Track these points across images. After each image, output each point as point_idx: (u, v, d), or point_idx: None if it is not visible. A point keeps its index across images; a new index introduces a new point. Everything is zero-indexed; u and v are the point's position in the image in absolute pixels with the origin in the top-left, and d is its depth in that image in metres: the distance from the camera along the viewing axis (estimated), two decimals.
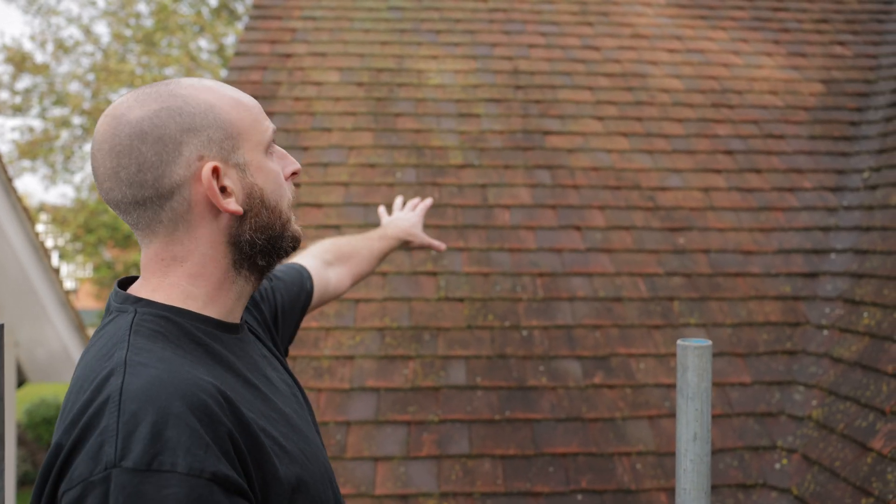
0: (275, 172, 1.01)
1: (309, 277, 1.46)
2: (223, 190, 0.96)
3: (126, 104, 0.94)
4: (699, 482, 1.24)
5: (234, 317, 1.04)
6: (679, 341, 1.23)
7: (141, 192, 0.93)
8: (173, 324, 0.94)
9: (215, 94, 0.97)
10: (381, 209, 1.99)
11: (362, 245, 1.72)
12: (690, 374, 1.21)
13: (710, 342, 1.22)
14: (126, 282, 1.04)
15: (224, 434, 0.83)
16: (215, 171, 0.94)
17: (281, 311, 1.33)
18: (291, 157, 1.07)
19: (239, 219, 0.98)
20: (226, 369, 0.96)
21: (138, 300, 0.96)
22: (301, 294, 1.41)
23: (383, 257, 1.81)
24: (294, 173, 1.06)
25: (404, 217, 1.90)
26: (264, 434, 0.91)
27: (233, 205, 0.96)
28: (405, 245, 1.88)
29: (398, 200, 2.01)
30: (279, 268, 1.43)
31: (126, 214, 0.96)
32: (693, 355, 1.21)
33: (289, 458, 0.94)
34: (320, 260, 1.58)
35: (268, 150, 1.01)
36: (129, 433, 0.77)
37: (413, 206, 1.97)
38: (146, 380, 0.82)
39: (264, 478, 0.89)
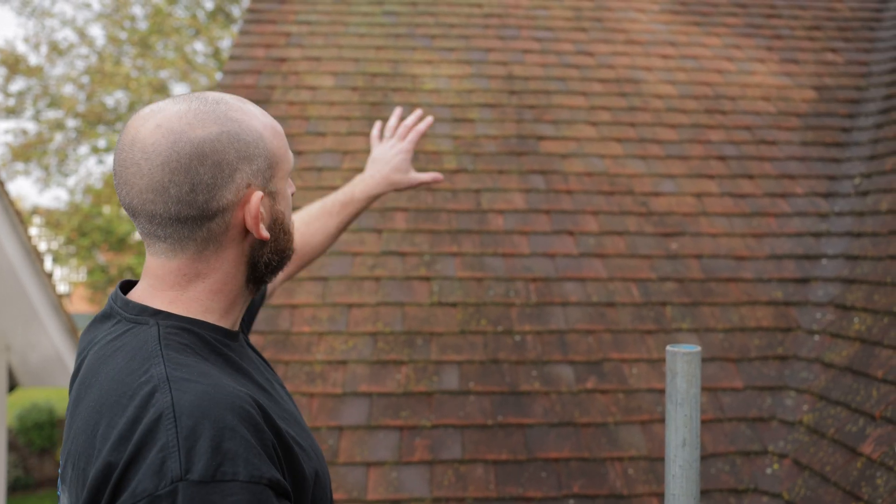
0: (289, 197, 1.07)
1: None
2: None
3: (185, 120, 0.94)
4: (688, 488, 1.25)
5: (237, 325, 1.08)
6: (668, 347, 1.24)
7: (187, 211, 0.94)
8: (196, 336, 0.97)
9: (260, 121, 1.01)
10: (374, 132, 1.75)
11: (314, 229, 1.58)
12: (679, 380, 1.22)
13: (699, 348, 1.23)
14: (127, 285, 1.06)
15: (268, 441, 0.88)
16: (263, 199, 1.00)
17: (254, 308, 1.37)
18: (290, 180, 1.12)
19: (262, 242, 1.02)
20: (244, 376, 1.00)
21: (157, 312, 0.98)
22: (258, 301, 1.42)
23: (344, 228, 1.65)
24: (292, 193, 1.11)
25: (385, 157, 1.67)
26: (289, 436, 0.96)
27: (264, 230, 1.01)
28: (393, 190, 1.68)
29: (392, 120, 1.73)
30: None
31: (160, 227, 0.96)
32: (682, 361, 1.22)
33: (306, 455, 0.99)
34: None
35: (288, 177, 1.06)
36: (190, 448, 0.81)
37: (404, 130, 1.71)
38: (195, 395, 0.86)
39: (294, 477, 0.94)
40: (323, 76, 3.77)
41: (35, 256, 5.82)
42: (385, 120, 3.53)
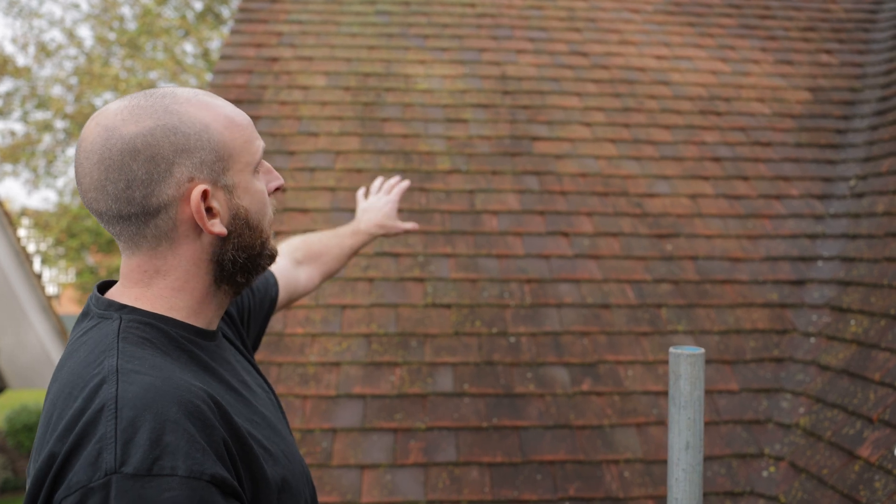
0: (261, 192, 1.02)
1: (275, 283, 1.47)
2: (209, 211, 0.96)
3: (120, 116, 0.92)
4: (691, 492, 1.23)
5: (213, 325, 1.05)
6: (671, 349, 1.22)
7: (127, 208, 0.93)
8: (159, 331, 0.95)
9: (211, 112, 0.97)
10: (360, 192, 1.96)
11: (333, 243, 1.74)
12: (683, 383, 1.20)
13: (702, 350, 1.21)
14: (105, 286, 1.04)
15: (218, 438, 0.85)
16: (204, 195, 0.95)
17: (248, 313, 1.34)
18: (276, 172, 1.08)
19: (222, 239, 0.98)
20: (211, 375, 0.97)
21: (122, 307, 0.96)
22: (266, 299, 1.42)
23: (355, 253, 1.82)
24: (277, 188, 1.07)
25: (376, 206, 1.88)
26: (251, 437, 0.93)
27: (218, 227, 0.97)
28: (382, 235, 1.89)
29: (376, 182, 1.98)
30: None
31: (109, 226, 0.96)
32: (686, 363, 1.20)
33: (273, 460, 0.96)
34: (290, 259, 1.60)
35: (256, 170, 1.01)
36: (127, 440, 0.79)
37: (389, 188, 1.94)
38: (141, 387, 0.83)
39: (254, 479, 0.91)
40: (315, 76, 3.74)
41: (24, 258, 5.77)
42: (379, 120, 3.51)
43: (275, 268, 1.51)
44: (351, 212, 3.13)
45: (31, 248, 15.80)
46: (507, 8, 4.34)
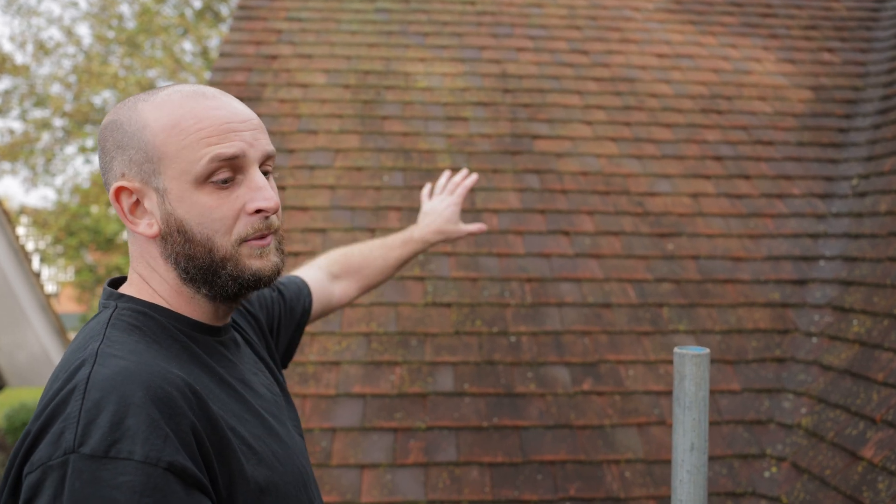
0: (203, 206, 0.95)
1: (308, 294, 1.45)
2: (135, 208, 0.97)
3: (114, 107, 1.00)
4: (696, 493, 1.21)
5: (215, 321, 1.04)
6: (676, 349, 1.20)
7: (107, 190, 1.00)
8: (151, 319, 0.96)
9: (161, 112, 0.95)
10: (424, 192, 1.85)
11: (377, 255, 1.67)
12: (688, 383, 1.18)
13: (707, 350, 1.19)
14: (118, 281, 1.06)
15: (186, 427, 0.83)
16: (117, 192, 0.97)
17: (277, 323, 1.33)
18: (266, 192, 0.99)
19: (163, 240, 0.98)
20: (201, 367, 0.96)
21: (121, 296, 0.99)
22: (297, 310, 1.40)
23: (403, 264, 1.73)
24: (259, 210, 0.98)
25: (437, 209, 1.77)
26: (233, 433, 0.91)
27: (142, 227, 0.97)
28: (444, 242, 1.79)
29: (441, 179, 1.86)
30: (285, 280, 1.44)
31: None
32: (691, 363, 1.18)
33: (257, 459, 0.94)
34: (326, 272, 1.57)
35: (204, 182, 0.94)
36: (89, 420, 0.79)
37: (453, 186, 1.82)
38: (112, 370, 0.83)
39: (230, 475, 0.89)
40: (314, 74, 3.72)
41: (23, 256, 5.76)
42: (379, 118, 3.49)
43: (310, 279, 1.50)
44: (350, 210, 3.11)
45: (29, 246, 15.78)
46: (507, 6, 4.32)
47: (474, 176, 1.83)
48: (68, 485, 0.76)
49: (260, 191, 0.98)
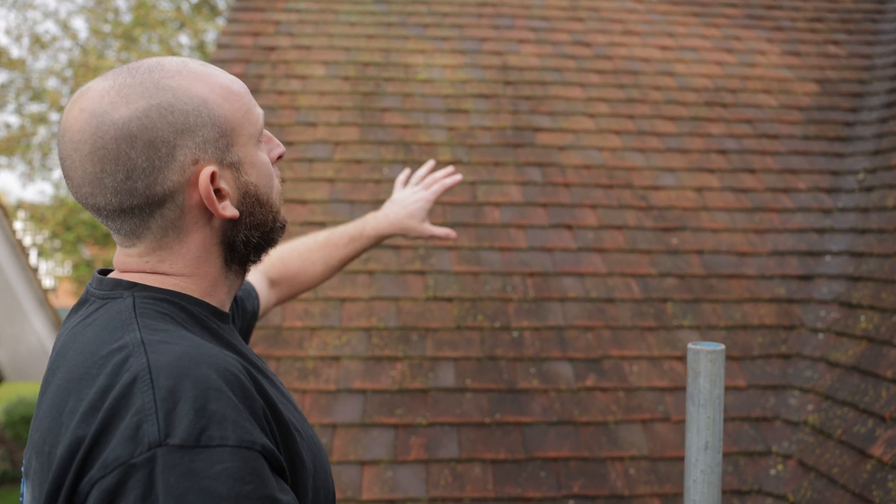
0: (266, 164, 0.94)
1: (256, 296, 1.38)
2: (218, 193, 0.88)
3: (108, 99, 0.83)
4: (710, 493, 1.17)
5: (226, 307, 0.98)
6: (690, 345, 1.16)
7: (129, 201, 0.84)
8: (176, 306, 0.88)
9: (206, 83, 0.88)
10: (400, 177, 1.70)
11: (317, 258, 1.53)
12: (703, 380, 1.14)
13: (723, 346, 1.15)
14: (104, 273, 0.96)
15: (259, 409, 0.78)
16: (212, 177, 0.87)
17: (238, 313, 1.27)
18: (276, 140, 0.99)
19: (234, 221, 0.91)
20: (236, 353, 0.90)
21: (133, 285, 0.88)
22: (247, 311, 1.33)
23: (347, 263, 1.59)
24: (280, 156, 0.99)
25: (404, 202, 1.62)
26: (286, 416, 0.86)
27: (230, 209, 0.89)
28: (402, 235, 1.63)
29: (422, 169, 1.69)
30: None
31: (108, 220, 0.87)
32: (706, 360, 1.14)
33: (305, 443, 0.89)
34: (266, 278, 1.47)
35: (259, 140, 0.94)
36: (169, 409, 0.72)
37: (431, 180, 1.66)
38: (174, 355, 0.76)
39: (291, 459, 0.84)
40: (313, 65, 3.67)
41: (20, 251, 5.73)
42: (378, 110, 3.44)
43: (256, 282, 1.41)
44: (350, 203, 3.07)
45: (27, 241, 15.73)
46: None
47: (457, 176, 1.67)
48: (162, 481, 0.69)
49: (272, 140, 0.98)
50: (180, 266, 0.90)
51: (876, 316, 2.56)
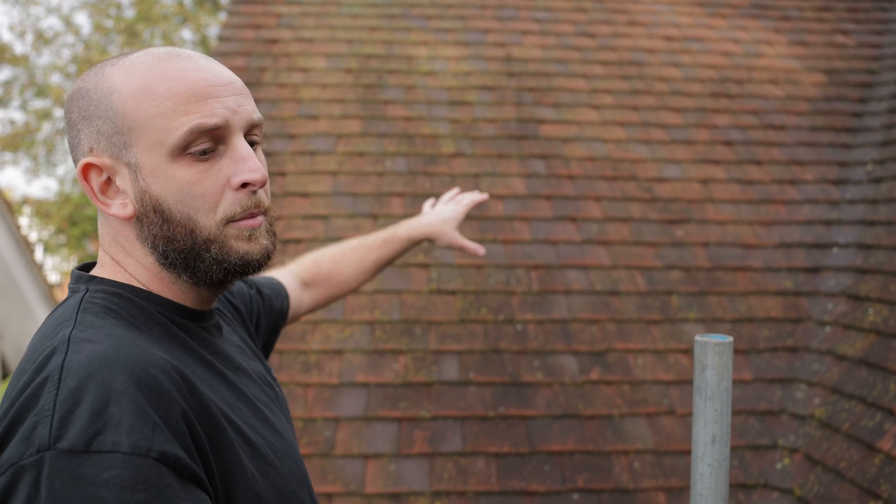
0: (181, 182, 0.84)
1: (286, 296, 1.36)
2: (106, 186, 0.87)
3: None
4: (717, 488, 1.15)
5: (200, 305, 0.94)
6: (697, 337, 1.14)
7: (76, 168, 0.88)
8: (128, 301, 0.86)
9: (130, 75, 0.85)
10: (427, 203, 1.69)
11: (349, 260, 1.51)
12: (710, 373, 1.12)
13: (731, 339, 1.13)
14: (88, 267, 0.95)
15: (177, 413, 0.74)
16: (87, 169, 0.86)
17: (256, 322, 1.24)
18: (251, 163, 0.87)
19: (139, 222, 0.87)
20: (187, 352, 0.87)
21: (92, 278, 0.89)
22: (275, 310, 1.31)
23: (382, 267, 1.57)
24: (245, 184, 0.87)
25: (437, 210, 1.62)
26: (226, 420, 0.83)
27: (115, 208, 0.87)
28: (430, 242, 1.62)
29: (448, 193, 1.70)
30: (262, 280, 1.34)
31: None
32: (713, 352, 1.11)
33: (252, 450, 0.85)
34: (298, 279, 1.46)
35: (181, 153, 0.84)
36: (66, 412, 0.70)
37: (459, 200, 1.66)
38: (89, 355, 0.74)
39: (226, 467, 0.80)
40: (315, 58, 3.65)
41: (25, 246, 5.74)
42: (381, 102, 3.42)
43: (286, 283, 1.40)
44: (353, 196, 3.05)
45: (32, 236, 15.76)
46: None
47: (485, 195, 1.68)
48: (46, 485, 0.67)
49: (244, 161, 0.87)
50: (118, 247, 0.90)
51: (884, 309, 2.53)
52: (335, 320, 2.66)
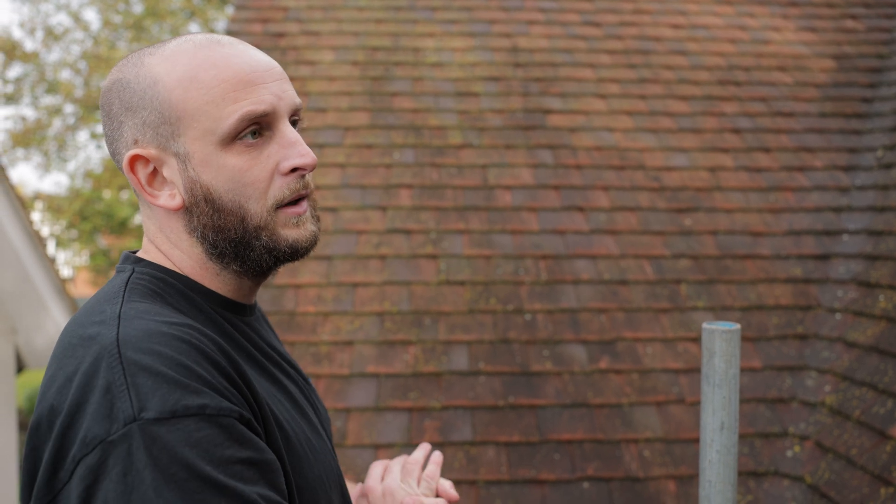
0: (233, 169, 0.85)
1: None
2: (153, 178, 0.87)
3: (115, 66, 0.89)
4: (726, 474, 1.16)
5: (243, 298, 0.95)
6: (704, 325, 1.14)
7: (115, 161, 0.89)
8: (172, 287, 0.87)
9: (175, 64, 0.84)
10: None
11: None
12: (718, 360, 1.12)
13: (738, 326, 1.13)
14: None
15: (237, 381, 0.78)
16: (132, 161, 0.85)
17: None
18: (301, 147, 0.88)
19: (188, 213, 0.87)
20: (228, 341, 0.87)
21: (139, 260, 0.89)
22: None
23: None
24: (295, 169, 0.88)
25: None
26: (266, 404, 0.83)
27: (164, 199, 0.87)
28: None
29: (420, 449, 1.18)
30: None
31: None
32: (721, 340, 1.12)
33: (288, 444, 0.85)
34: None
35: (232, 141, 0.85)
36: (139, 384, 0.71)
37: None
38: (142, 330, 0.75)
39: (269, 445, 0.81)
40: (322, 51, 3.65)
41: (38, 241, 5.80)
42: (388, 94, 3.42)
43: None
44: (361, 188, 3.05)
45: (44, 231, 15.87)
46: None
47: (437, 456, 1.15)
48: (142, 455, 0.68)
49: (293, 146, 0.87)
50: (163, 238, 0.90)
51: (895, 295, 2.52)
52: (345, 312, 2.68)
